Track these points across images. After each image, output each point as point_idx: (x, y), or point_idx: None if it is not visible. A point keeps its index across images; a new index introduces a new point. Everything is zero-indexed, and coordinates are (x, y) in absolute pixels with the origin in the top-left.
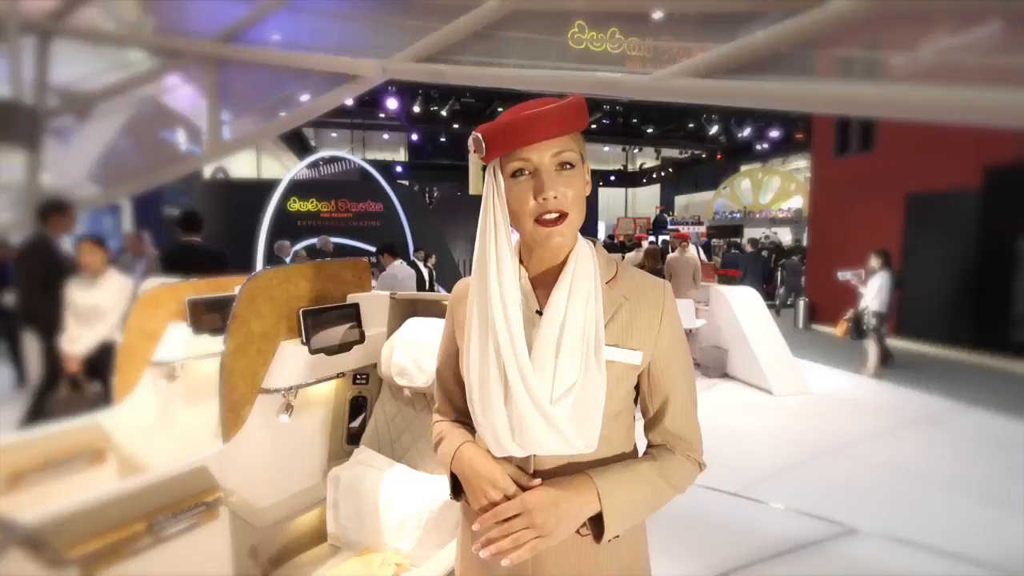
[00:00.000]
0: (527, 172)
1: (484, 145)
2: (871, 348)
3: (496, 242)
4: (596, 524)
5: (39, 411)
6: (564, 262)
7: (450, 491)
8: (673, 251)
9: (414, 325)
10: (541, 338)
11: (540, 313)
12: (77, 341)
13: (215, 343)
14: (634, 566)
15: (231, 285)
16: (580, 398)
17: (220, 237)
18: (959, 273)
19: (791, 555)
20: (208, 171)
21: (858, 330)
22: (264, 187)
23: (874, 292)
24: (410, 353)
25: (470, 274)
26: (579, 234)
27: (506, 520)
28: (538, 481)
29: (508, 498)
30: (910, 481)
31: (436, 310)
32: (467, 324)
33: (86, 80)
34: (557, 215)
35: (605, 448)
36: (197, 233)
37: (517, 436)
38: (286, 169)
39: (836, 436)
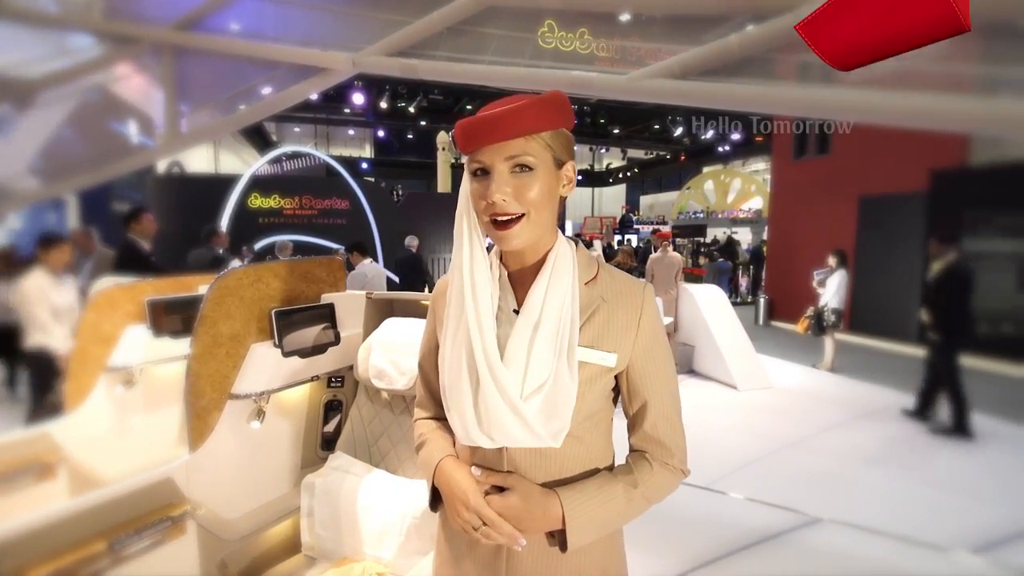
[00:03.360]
0: (483, 172)
1: (454, 142)
2: (828, 343)
3: (468, 235)
4: (562, 534)
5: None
6: (543, 261)
7: (429, 502)
8: (655, 251)
9: (392, 325)
10: (515, 336)
11: (518, 312)
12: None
13: (177, 346)
14: (608, 566)
15: (193, 285)
16: (551, 396)
17: (175, 235)
18: (906, 272)
19: (760, 546)
20: (162, 166)
21: (819, 326)
22: (222, 183)
23: (833, 290)
24: (388, 354)
25: None
26: (560, 234)
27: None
28: (511, 479)
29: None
30: (868, 469)
31: (413, 310)
32: (444, 318)
33: (26, 66)
34: (508, 218)
35: (578, 448)
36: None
37: (485, 427)
38: (245, 164)
39: (798, 428)
